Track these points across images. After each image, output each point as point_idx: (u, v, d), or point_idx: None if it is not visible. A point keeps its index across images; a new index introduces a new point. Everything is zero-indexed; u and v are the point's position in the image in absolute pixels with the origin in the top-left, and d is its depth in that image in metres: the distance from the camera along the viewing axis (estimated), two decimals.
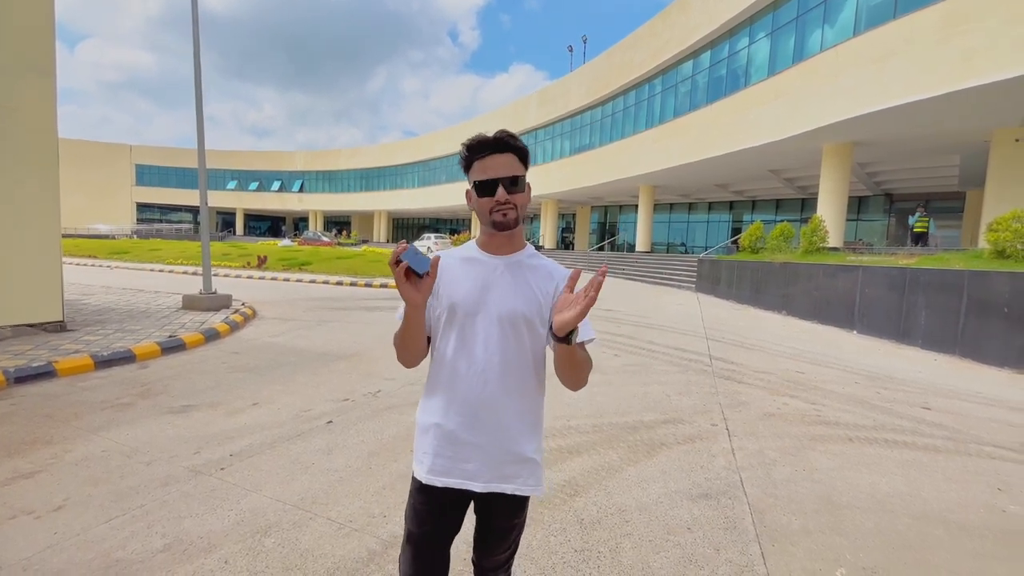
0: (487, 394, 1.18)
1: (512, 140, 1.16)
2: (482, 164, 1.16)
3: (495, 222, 1.17)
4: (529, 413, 1.24)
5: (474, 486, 1.20)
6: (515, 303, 1.18)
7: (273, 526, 2.30)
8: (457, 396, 1.20)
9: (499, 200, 1.14)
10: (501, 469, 1.20)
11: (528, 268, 1.23)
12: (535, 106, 28.67)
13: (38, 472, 2.76)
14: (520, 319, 1.18)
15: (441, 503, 1.24)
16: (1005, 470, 3.23)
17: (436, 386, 1.24)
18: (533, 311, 1.19)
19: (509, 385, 1.19)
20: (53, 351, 5.15)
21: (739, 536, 2.35)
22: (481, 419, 1.19)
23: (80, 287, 11.17)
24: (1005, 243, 7.34)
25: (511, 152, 1.16)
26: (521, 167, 1.18)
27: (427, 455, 1.23)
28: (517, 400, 1.21)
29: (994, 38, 8.37)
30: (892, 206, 21.79)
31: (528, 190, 1.21)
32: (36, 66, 6.02)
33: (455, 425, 1.20)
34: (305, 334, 7.05)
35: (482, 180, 1.15)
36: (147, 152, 51.06)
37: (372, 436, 3.40)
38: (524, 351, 1.20)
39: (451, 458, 1.20)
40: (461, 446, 1.19)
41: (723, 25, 15.43)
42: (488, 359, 1.18)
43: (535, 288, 1.21)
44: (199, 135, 8.72)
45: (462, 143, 1.19)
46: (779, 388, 4.96)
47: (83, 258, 23.18)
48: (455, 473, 1.20)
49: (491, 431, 1.19)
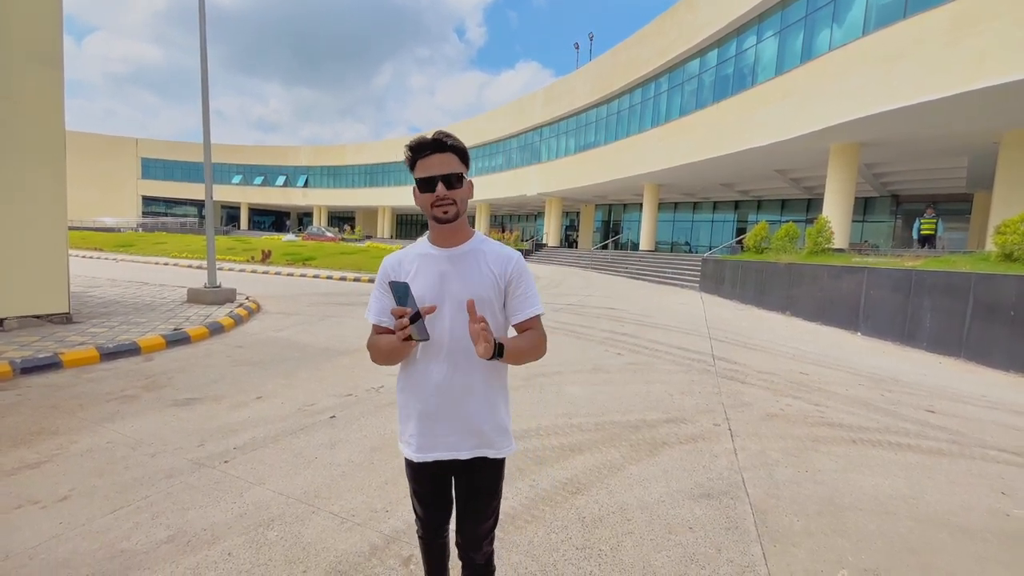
0: (459, 375, 1.31)
1: (449, 140, 1.26)
2: (423, 163, 1.26)
3: (436, 217, 1.28)
4: (498, 386, 1.38)
5: (461, 455, 1.34)
6: (473, 288, 1.29)
7: (276, 519, 2.31)
8: (431, 380, 1.31)
9: (439, 196, 1.25)
10: (481, 437, 1.34)
11: (481, 253, 1.34)
12: (540, 103, 28.57)
13: (44, 462, 2.78)
14: (480, 302, 1.27)
15: (432, 475, 1.40)
16: (1009, 474, 3.21)
17: (412, 373, 1.35)
18: (491, 292, 1.32)
19: (477, 364, 1.31)
20: (59, 343, 5.18)
21: (741, 536, 2.35)
22: (456, 398, 1.32)
23: (86, 279, 11.24)
24: (1013, 246, 7.27)
25: (449, 151, 1.26)
26: (460, 165, 1.28)
27: (413, 436, 1.36)
28: (486, 376, 1.34)
29: (1005, 39, 8.28)
30: (899, 207, 21.64)
31: (468, 186, 1.32)
32: (44, 58, 6.05)
33: (434, 407, 1.32)
34: (309, 329, 7.07)
35: (423, 177, 1.26)
36: (153, 145, 51.21)
37: (374, 431, 3.42)
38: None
39: (434, 435, 1.34)
40: (441, 423, 1.33)
41: (731, 23, 15.32)
42: (455, 343, 1.29)
43: (490, 270, 1.33)
44: (205, 129, 8.75)
45: (405, 145, 1.29)
46: (782, 389, 4.95)
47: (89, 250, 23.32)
48: (440, 447, 1.34)
49: (466, 406, 1.33)
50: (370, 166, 45.85)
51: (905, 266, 8.40)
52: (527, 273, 1.37)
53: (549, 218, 30.39)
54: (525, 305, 1.34)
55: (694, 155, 17.11)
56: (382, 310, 1.33)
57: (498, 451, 1.38)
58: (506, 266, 1.34)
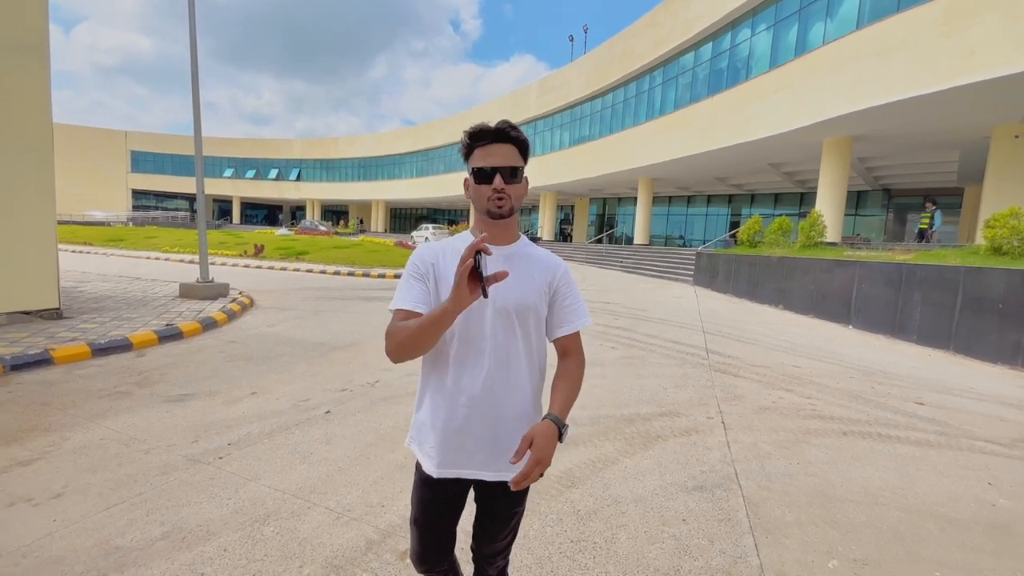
0: (493, 386, 1.19)
1: (513, 131, 1.17)
2: (482, 152, 1.16)
3: (490, 211, 1.17)
4: (532, 403, 1.27)
5: (485, 475, 1.22)
6: (521, 293, 1.19)
7: (272, 515, 2.32)
8: (463, 390, 1.19)
9: (496, 188, 1.15)
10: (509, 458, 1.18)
11: (528, 258, 1.25)
12: (535, 96, 28.45)
13: (36, 460, 2.76)
14: (527, 310, 1.20)
15: (449, 494, 1.27)
16: (995, 464, 3.27)
17: (440, 380, 1.22)
18: (539, 301, 1.22)
19: (512, 377, 1.21)
20: (50, 339, 5.13)
21: (733, 528, 2.38)
22: (487, 411, 1.20)
23: (76, 274, 11.11)
24: (1002, 240, 7.36)
25: (511, 143, 1.17)
26: (520, 159, 1.19)
27: (434, 449, 1.23)
28: (520, 391, 1.23)
29: (996, 34, 8.33)
30: (890, 201, 21.80)
31: (526, 183, 1.22)
32: (29, 50, 5.94)
33: (462, 419, 1.20)
34: (303, 324, 7.04)
35: (481, 167, 1.15)
36: (143, 138, 50.53)
37: (370, 426, 3.42)
38: (529, 342, 1.23)
39: (459, 450, 1.21)
40: (469, 438, 1.21)
41: (725, 16, 15.29)
42: (493, 352, 1.19)
43: (538, 278, 1.23)
44: (196, 123, 8.64)
45: (464, 131, 1.19)
46: (775, 382, 4.99)
47: (79, 245, 23.03)
48: (465, 464, 1.22)
49: (497, 423, 1.21)
50: (363, 159, 45.53)
51: (896, 260, 8.48)
52: (574, 282, 1.30)
53: (543, 212, 30.35)
54: (574, 316, 1.26)
55: (688, 149, 17.12)
56: (416, 295, 1.17)
57: None
58: (554, 274, 1.25)
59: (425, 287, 1.19)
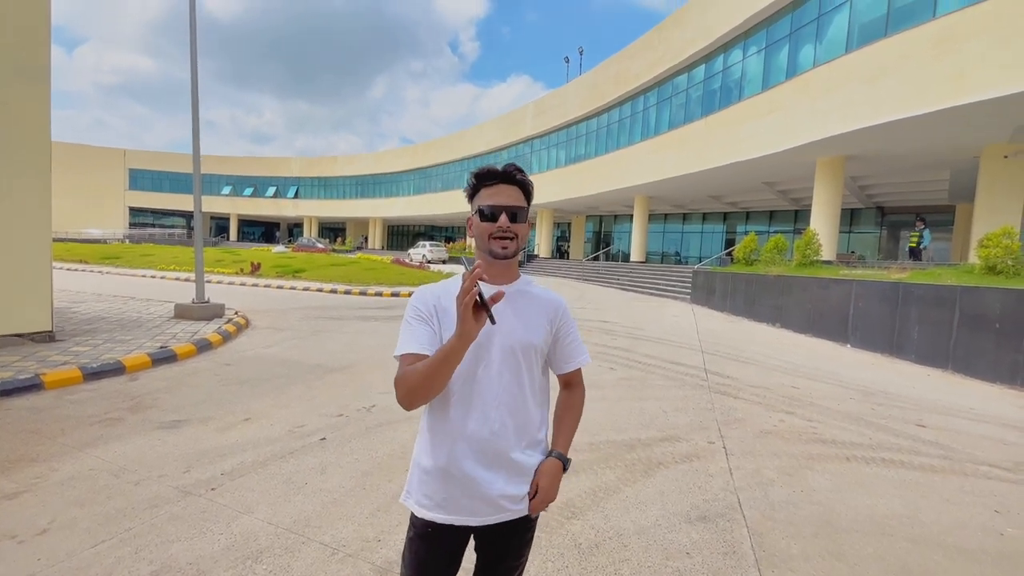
0: (500, 427, 1.17)
1: (519, 174, 1.19)
2: (488, 191, 1.18)
3: (493, 251, 1.17)
4: (539, 440, 1.26)
5: (488, 520, 1.18)
6: (525, 334, 1.19)
7: (265, 551, 2.25)
8: (468, 433, 1.16)
9: (501, 227, 1.15)
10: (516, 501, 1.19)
11: (530, 297, 1.25)
12: (531, 116, 28.82)
13: (22, 492, 2.69)
14: (531, 349, 1.20)
15: (447, 547, 1.20)
16: (1001, 491, 3.23)
17: (444, 426, 1.18)
18: (543, 341, 1.23)
19: (519, 418, 1.20)
20: (41, 363, 5.06)
21: (738, 561, 2.32)
22: (494, 454, 1.17)
23: (70, 294, 11.03)
24: (996, 259, 7.42)
25: (517, 185, 1.19)
26: (524, 201, 1.20)
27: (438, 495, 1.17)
28: (527, 432, 1.22)
29: (984, 57, 8.52)
30: (884, 219, 22.03)
31: (529, 224, 1.22)
32: (30, 70, 5.98)
33: (469, 464, 1.16)
34: (299, 345, 6.98)
35: (489, 205, 1.16)
36: (141, 156, 50.79)
37: (366, 454, 3.35)
38: (534, 382, 1.23)
39: (462, 497, 1.16)
40: (473, 484, 1.16)
41: (718, 39, 15.62)
42: (500, 394, 1.17)
43: (540, 318, 1.24)
44: (195, 140, 8.68)
45: (471, 172, 1.20)
46: (775, 404, 4.95)
47: (74, 263, 22.93)
48: (465, 511, 1.17)
49: (504, 465, 1.18)
50: (361, 177, 45.83)
51: (892, 279, 8.52)
52: (572, 319, 1.31)
53: (540, 229, 30.50)
54: (575, 354, 1.30)
55: (683, 168, 17.31)
56: (423, 337, 1.13)
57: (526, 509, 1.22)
58: (556, 312, 1.26)
59: (430, 328, 1.16)
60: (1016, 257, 7.32)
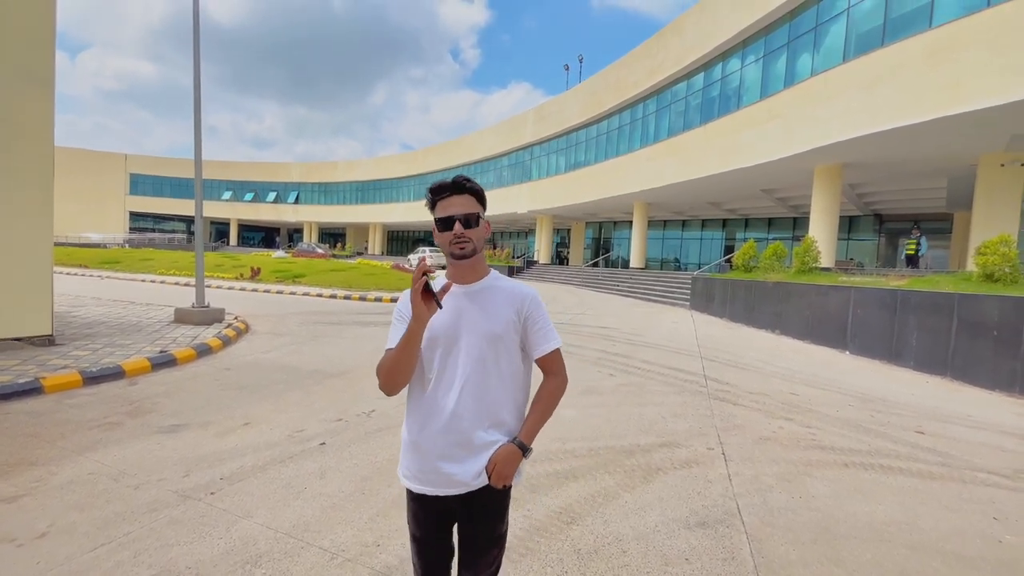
0: (466, 409, 1.31)
1: (468, 183, 1.32)
2: (443, 204, 1.31)
3: (453, 254, 1.32)
4: (509, 424, 1.38)
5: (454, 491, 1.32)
6: (489, 325, 1.33)
7: (264, 555, 2.25)
8: (440, 414, 1.31)
9: (456, 234, 1.29)
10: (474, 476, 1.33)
11: (497, 291, 1.38)
12: (531, 123, 28.98)
13: (21, 496, 2.69)
14: (497, 339, 1.33)
15: (436, 508, 1.37)
16: (1000, 497, 3.23)
17: (419, 407, 1.35)
18: (507, 329, 1.35)
19: (487, 401, 1.33)
20: (41, 367, 5.06)
21: (738, 567, 2.33)
22: (460, 432, 1.31)
23: (70, 298, 11.04)
24: (993, 267, 7.45)
25: (468, 193, 1.32)
26: (478, 206, 1.33)
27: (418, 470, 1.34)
28: (494, 414, 1.35)
29: (980, 66, 8.60)
30: (882, 226, 22.12)
31: (485, 226, 1.35)
32: (35, 77, 6.03)
33: (438, 439, 1.31)
34: (298, 350, 6.98)
35: (442, 217, 1.30)
36: (142, 161, 50.94)
37: (365, 459, 3.36)
38: (499, 367, 1.35)
39: (431, 472, 1.32)
40: (441, 457, 1.31)
41: (716, 48, 15.75)
42: (467, 378, 1.31)
43: (507, 309, 1.36)
44: (196, 146, 8.73)
45: (427, 188, 1.35)
46: (774, 410, 4.96)
47: (73, 267, 22.94)
48: (434, 483, 1.32)
49: (469, 443, 1.32)
50: (361, 183, 45.98)
51: (890, 286, 8.55)
52: (542, 308, 1.41)
53: (540, 235, 30.56)
54: (544, 340, 1.39)
55: (682, 175, 17.40)
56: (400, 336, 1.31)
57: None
58: (522, 303, 1.37)
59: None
60: (1014, 265, 7.36)
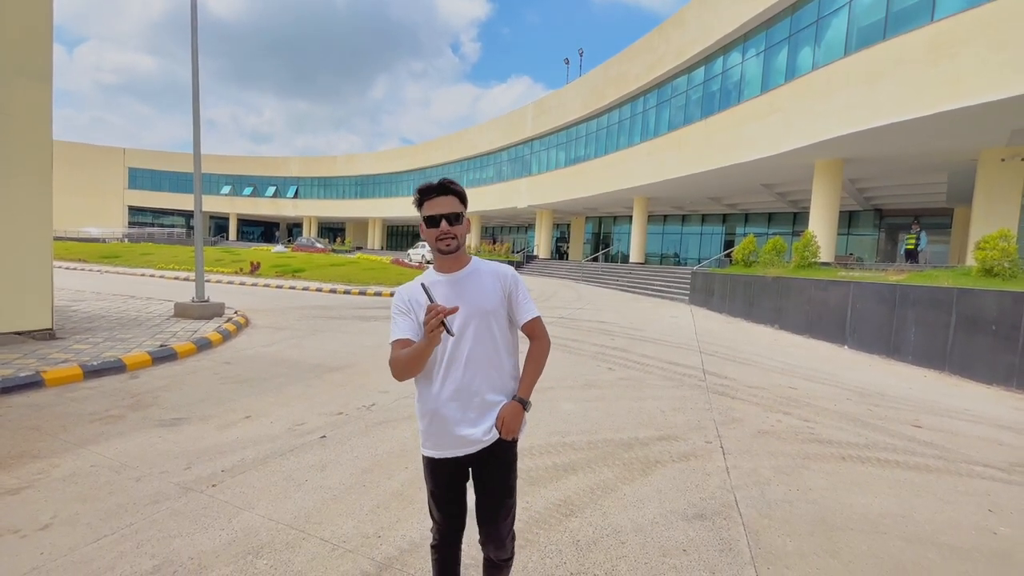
0: (473, 379, 1.53)
1: (453, 186, 1.51)
2: (430, 204, 1.50)
3: (440, 248, 1.52)
4: (507, 386, 1.61)
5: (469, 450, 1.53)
6: (482, 303, 1.54)
7: (265, 546, 2.27)
8: (449, 385, 1.53)
9: (442, 231, 1.49)
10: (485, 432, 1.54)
11: (482, 273, 1.59)
12: (531, 117, 28.87)
13: (24, 488, 2.71)
14: (489, 315, 1.55)
15: (450, 467, 1.57)
16: (995, 490, 3.26)
17: (431, 382, 1.55)
18: (497, 304, 1.57)
19: (489, 369, 1.55)
20: (41, 360, 5.07)
21: (735, 558, 2.35)
22: (470, 398, 1.53)
23: (70, 292, 11.04)
24: (992, 261, 7.46)
25: (452, 195, 1.50)
26: (460, 206, 1.52)
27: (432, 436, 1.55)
28: (496, 378, 1.57)
29: (981, 61, 8.57)
30: (882, 221, 22.10)
31: (467, 223, 1.56)
32: (32, 71, 6.00)
33: (453, 408, 1.52)
34: (298, 344, 7.00)
35: (429, 215, 1.50)
36: (141, 156, 50.78)
37: (366, 452, 3.38)
38: (495, 339, 1.56)
39: (450, 434, 1.52)
40: (456, 423, 1.52)
41: (717, 41, 15.67)
42: (470, 352, 1.52)
43: (492, 286, 1.58)
44: (195, 140, 8.70)
45: (416, 188, 1.52)
46: (772, 404, 4.98)
47: (73, 262, 22.93)
48: (450, 447, 1.53)
49: (479, 406, 1.54)
50: (361, 177, 45.86)
51: (889, 281, 8.56)
52: (521, 283, 1.64)
53: (540, 230, 30.54)
54: (527, 311, 1.63)
55: (682, 169, 17.36)
56: (406, 327, 1.52)
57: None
58: (504, 280, 1.60)
59: (409, 319, 1.53)
60: (1013, 259, 7.36)
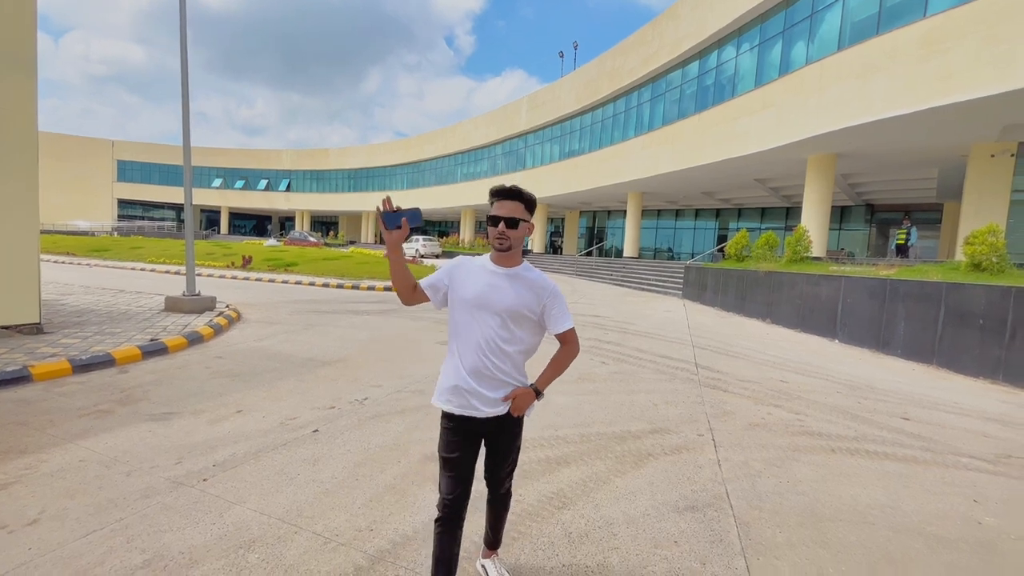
0: (490, 362, 1.72)
1: (522, 193, 1.69)
2: (497, 205, 1.70)
3: (494, 246, 1.74)
4: (515, 374, 1.79)
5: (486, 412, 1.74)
6: (512, 301, 1.72)
7: (257, 540, 2.26)
8: (467, 363, 1.74)
9: (499, 231, 1.69)
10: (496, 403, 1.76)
11: (525, 279, 1.76)
12: (525, 111, 28.73)
13: (12, 483, 2.68)
14: (516, 313, 1.73)
15: (463, 430, 1.76)
16: (981, 481, 3.31)
17: (453, 354, 1.78)
18: (526, 308, 1.74)
19: (499, 356, 1.74)
20: (29, 354, 5.01)
21: (725, 549, 2.37)
22: (486, 378, 1.73)
23: (58, 286, 10.90)
24: (981, 256, 7.54)
25: (518, 200, 1.69)
26: (525, 212, 1.70)
27: (450, 401, 1.76)
28: (503, 368, 1.75)
29: (972, 57, 8.61)
30: (873, 216, 22.28)
31: (526, 228, 1.71)
32: (16, 61, 5.88)
33: (470, 384, 1.73)
34: (291, 338, 6.96)
35: (492, 215, 1.70)
36: (130, 148, 50.06)
37: (358, 446, 3.37)
38: (513, 335, 1.74)
39: (466, 404, 1.74)
40: (472, 395, 1.73)
41: (712, 35, 15.65)
42: (491, 338, 1.72)
43: (529, 295, 1.75)
44: (184, 132, 8.58)
45: (490, 189, 1.72)
46: (764, 397, 5.03)
47: (61, 255, 22.62)
48: (469, 409, 1.74)
49: (488, 381, 1.74)
50: (354, 170, 45.52)
51: (880, 275, 8.63)
52: (560, 296, 1.80)
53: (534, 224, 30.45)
54: (560, 322, 1.80)
55: (676, 164, 17.38)
56: (431, 280, 1.79)
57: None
58: (543, 292, 1.77)
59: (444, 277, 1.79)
60: (1001, 254, 7.45)
